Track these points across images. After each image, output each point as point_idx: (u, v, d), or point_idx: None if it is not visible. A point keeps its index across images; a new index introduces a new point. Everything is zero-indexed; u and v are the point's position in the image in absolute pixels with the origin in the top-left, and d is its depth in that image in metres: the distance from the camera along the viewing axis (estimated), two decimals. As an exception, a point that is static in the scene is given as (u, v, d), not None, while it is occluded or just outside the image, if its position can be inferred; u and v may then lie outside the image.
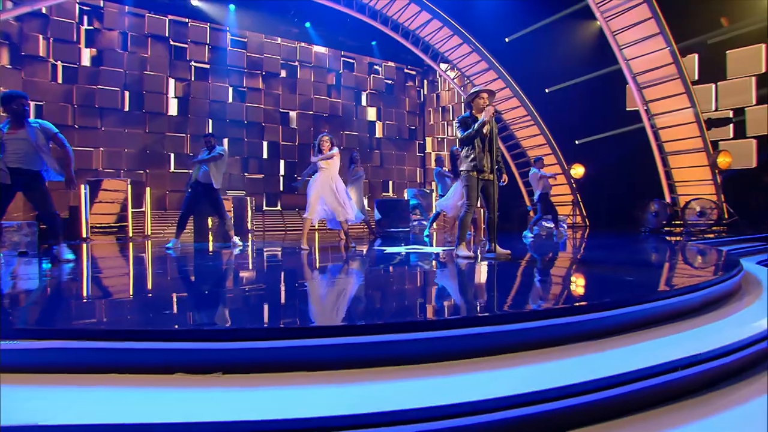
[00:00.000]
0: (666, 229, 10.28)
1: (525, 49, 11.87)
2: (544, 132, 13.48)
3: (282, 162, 13.58)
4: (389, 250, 6.30)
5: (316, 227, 10.50)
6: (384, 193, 15.02)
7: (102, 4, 11.02)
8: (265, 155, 13.30)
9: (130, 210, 8.94)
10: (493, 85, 12.96)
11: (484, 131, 4.83)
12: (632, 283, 3.13)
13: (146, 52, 11.52)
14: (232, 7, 11.64)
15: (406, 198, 12.23)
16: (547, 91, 12.77)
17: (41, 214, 4.74)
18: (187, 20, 11.80)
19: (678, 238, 8.45)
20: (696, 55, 10.56)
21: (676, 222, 10.60)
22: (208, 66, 12.35)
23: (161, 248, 6.50)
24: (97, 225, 9.06)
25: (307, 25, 12.82)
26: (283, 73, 13.60)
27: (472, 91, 5.00)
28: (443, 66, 13.29)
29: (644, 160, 11.07)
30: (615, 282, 3.26)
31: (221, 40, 12.34)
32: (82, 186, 8.87)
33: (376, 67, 15.09)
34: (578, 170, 13.61)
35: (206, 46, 12.25)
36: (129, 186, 8.94)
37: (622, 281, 3.22)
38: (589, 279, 3.57)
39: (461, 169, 4.99)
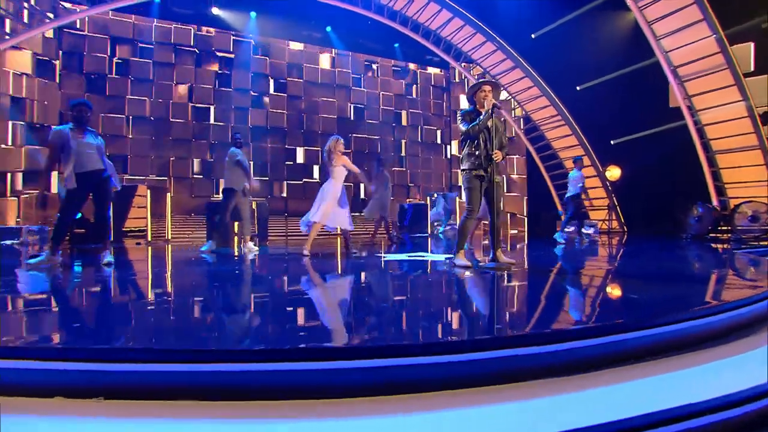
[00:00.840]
0: (711, 235, 9.18)
1: (553, 45, 11.09)
2: (576, 132, 12.57)
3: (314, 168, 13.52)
4: (389, 257, 5.86)
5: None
6: (409, 198, 14.55)
7: (132, 20, 11.32)
8: (300, 159, 13.21)
9: (149, 215, 8.99)
10: (519, 84, 12.23)
11: (489, 125, 4.31)
12: (650, 300, 2.54)
13: (170, 60, 11.71)
14: (253, 14, 11.63)
15: (427, 202, 11.72)
16: (578, 88, 11.88)
17: (98, 216, 4.72)
18: (209, 30, 11.91)
19: (725, 246, 7.46)
20: (752, 44, 9.41)
21: (723, 227, 9.45)
22: (230, 73, 12.42)
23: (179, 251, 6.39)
24: (126, 229, 9.24)
25: (328, 29, 12.63)
26: (305, 78, 13.49)
27: (473, 84, 4.50)
28: (466, 65, 12.69)
29: (687, 159, 10.00)
30: (630, 300, 2.67)
31: (243, 47, 12.39)
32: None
33: (399, 69, 14.71)
34: (614, 172, 12.59)
35: (228, 53, 12.32)
36: (149, 192, 9.00)
37: (638, 298, 2.63)
38: (602, 294, 2.99)
39: (462, 168, 4.49)
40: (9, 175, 9.17)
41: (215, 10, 11.14)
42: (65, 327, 2.23)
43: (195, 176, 12.18)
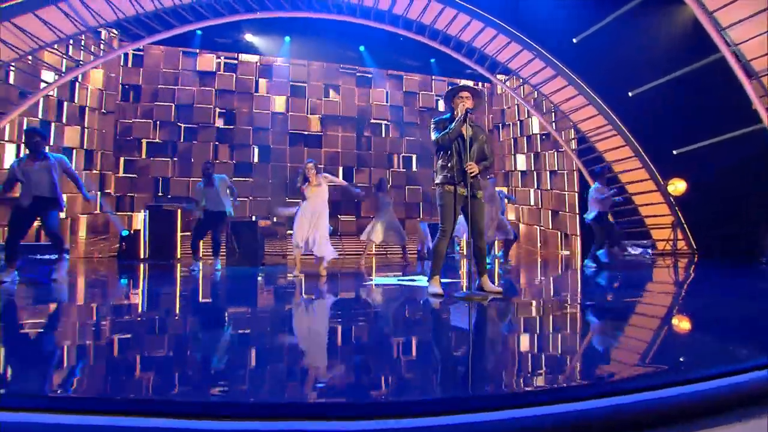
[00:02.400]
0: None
1: (597, 48, 9.91)
2: (630, 142, 11.11)
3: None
4: (373, 281, 5.19)
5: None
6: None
7: (184, 51, 11.92)
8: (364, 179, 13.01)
9: (179, 234, 9.14)
10: (562, 93, 11.08)
11: (465, 134, 3.64)
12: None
13: (201, 86, 12.11)
14: (287, 38, 11.75)
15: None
16: (630, 94, 10.50)
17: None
18: (240, 56, 12.19)
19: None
20: None
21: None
22: (268, 96, 12.61)
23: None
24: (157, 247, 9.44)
25: (362, 48, 12.43)
26: (342, 98, 13.36)
27: (450, 88, 3.86)
28: (502, 76, 11.81)
29: (766, 169, 8.27)
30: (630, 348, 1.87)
31: (279, 70, 12.56)
32: (142, 211, 9.35)
33: (436, 83, 14.10)
34: (678, 186, 10.90)
35: (262, 78, 12.53)
36: (179, 212, 9.17)
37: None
38: (585, 350, 2.16)
39: (435, 182, 3.84)
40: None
41: (250, 37, 11.38)
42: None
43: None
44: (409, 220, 12.77)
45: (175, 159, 11.72)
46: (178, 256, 9.08)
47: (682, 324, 2.89)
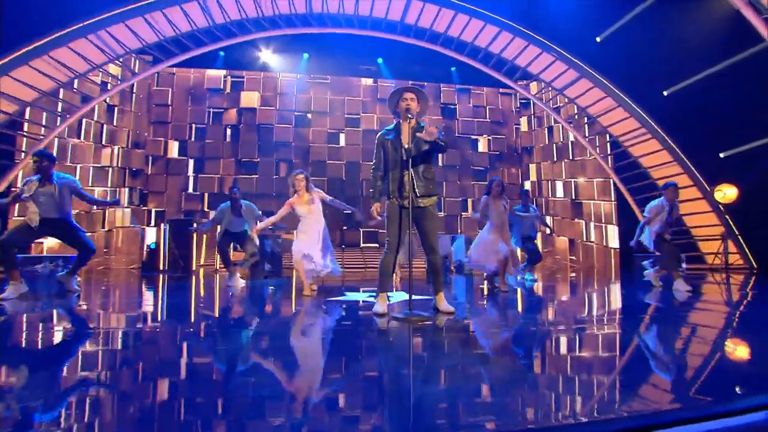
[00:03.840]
0: None
1: (624, 46, 9.07)
2: (668, 146, 10.00)
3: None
4: (347, 297, 4.81)
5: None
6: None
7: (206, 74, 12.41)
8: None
9: (194, 247, 9.31)
10: (589, 95, 10.22)
11: (405, 146, 3.30)
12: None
13: (224, 104, 12.43)
14: (305, 55, 11.85)
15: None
16: (665, 93, 9.46)
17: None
18: (262, 74, 12.40)
19: None
20: None
21: None
22: (293, 113, 12.74)
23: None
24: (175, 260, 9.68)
25: (380, 61, 12.27)
26: (367, 112, 13.24)
27: (393, 92, 3.51)
28: (523, 82, 11.12)
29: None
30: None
31: (300, 86, 12.67)
32: (162, 225, 9.65)
33: (456, 92, 13.59)
34: (727, 192, 9.62)
35: (283, 94, 12.69)
36: (194, 224, 9.35)
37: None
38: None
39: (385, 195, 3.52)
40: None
41: (269, 55, 11.60)
42: None
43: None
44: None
45: (196, 175, 12.09)
46: (194, 269, 9.24)
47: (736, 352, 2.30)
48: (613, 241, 11.60)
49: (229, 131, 12.45)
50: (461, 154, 13.41)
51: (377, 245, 12.28)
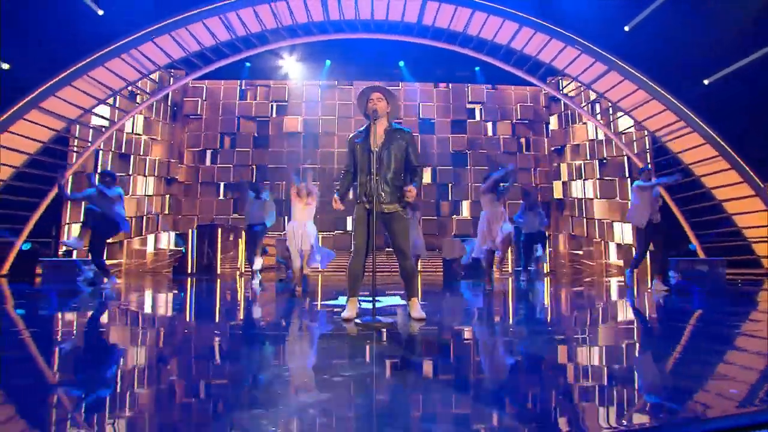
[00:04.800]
0: None
1: (656, 33, 8.40)
2: (711, 139, 9.09)
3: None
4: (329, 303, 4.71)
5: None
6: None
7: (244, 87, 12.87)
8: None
9: (219, 251, 9.64)
10: (619, 89, 9.52)
11: (374, 149, 3.18)
12: None
13: (252, 113, 12.79)
14: (327, 62, 11.97)
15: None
16: (706, 82, 8.63)
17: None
18: (285, 82, 12.65)
19: None
20: None
21: None
22: (318, 119, 12.91)
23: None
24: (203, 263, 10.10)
25: (401, 64, 12.15)
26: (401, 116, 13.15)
27: (361, 91, 3.40)
28: (552, 80, 10.56)
29: None
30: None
31: (324, 92, 12.82)
32: (190, 231, 10.09)
33: (481, 92, 13.16)
34: (783, 188, 8.54)
35: (308, 101, 12.87)
36: (219, 230, 9.69)
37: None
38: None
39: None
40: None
41: (293, 63, 11.83)
42: None
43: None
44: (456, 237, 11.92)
45: (226, 182, 12.53)
46: (219, 272, 9.57)
47: None
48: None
49: (257, 139, 12.83)
50: (487, 156, 12.98)
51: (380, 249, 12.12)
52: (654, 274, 5.81)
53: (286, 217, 10.21)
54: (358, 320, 3.12)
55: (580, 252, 12.16)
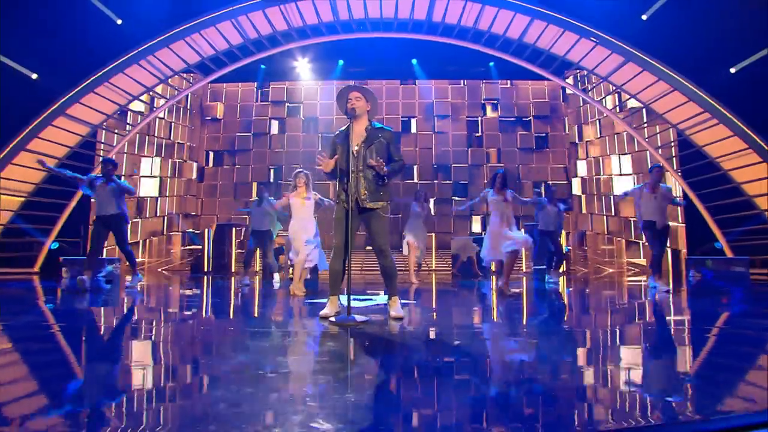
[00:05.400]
0: None
1: (676, 20, 7.98)
2: (740, 131, 8.53)
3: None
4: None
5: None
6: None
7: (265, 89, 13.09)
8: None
9: (234, 250, 9.85)
10: (639, 80, 9.09)
11: (354, 148, 3.17)
12: None
13: (268, 114, 12.97)
14: (341, 62, 11.99)
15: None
16: (733, 70, 8.12)
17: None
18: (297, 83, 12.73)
19: None
20: None
21: None
22: (332, 119, 12.98)
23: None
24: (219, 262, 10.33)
25: (414, 62, 12.03)
26: (407, 114, 13.10)
27: (338, 94, 3.39)
28: (570, 73, 10.20)
29: None
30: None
31: (334, 92, 12.84)
32: (206, 230, 10.36)
33: (497, 88, 12.86)
34: (819, 183, 7.92)
35: (324, 101, 12.94)
36: (234, 230, 9.90)
37: None
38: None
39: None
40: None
41: (306, 64, 11.93)
42: None
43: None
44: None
45: (244, 183, 12.78)
46: (233, 270, 9.77)
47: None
48: (678, 243, 10.18)
49: (273, 140, 13.03)
50: (502, 152, 12.69)
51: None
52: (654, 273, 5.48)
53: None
54: (333, 318, 3.11)
55: (600, 250, 11.70)
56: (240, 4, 9.19)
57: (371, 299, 4.57)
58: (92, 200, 5.86)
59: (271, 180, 12.59)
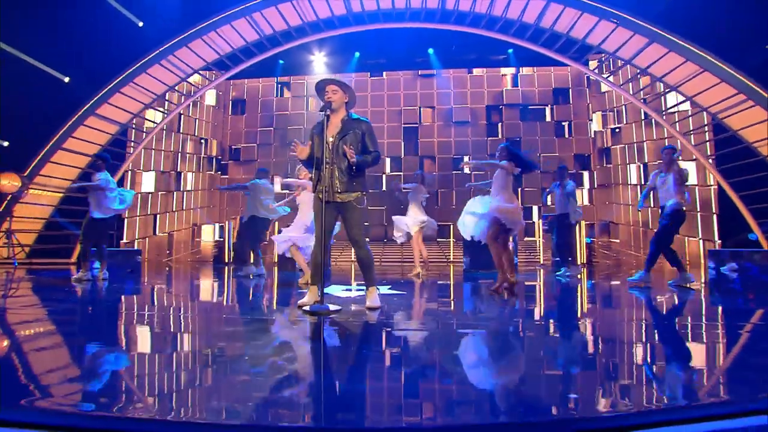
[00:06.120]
0: None
1: (704, -4, 7.36)
2: (778, 113, 7.85)
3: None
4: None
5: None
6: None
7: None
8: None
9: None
10: (664, 62, 8.54)
11: (329, 139, 3.19)
12: None
13: (289, 109, 13.13)
14: (356, 54, 11.95)
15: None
16: (769, 48, 7.44)
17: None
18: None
19: None
20: None
21: None
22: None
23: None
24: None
25: (431, 51, 11.80)
26: (427, 105, 12.95)
27: (316, 86, 3.39)
28: (596, 56, 9.72)
29: None
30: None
31: (356, 85, 12.84)
32: (226, 222, 10.70)
33: (517, 75, 12.43)
34: None
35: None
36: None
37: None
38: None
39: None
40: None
41: (323, 58, 11.98)
42: None
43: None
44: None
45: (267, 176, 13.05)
46: (251, 261, 10.05)
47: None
48: (710, 233, 9.56)
49: (293, 134, 13.22)
50: (523, 140, 12.29)
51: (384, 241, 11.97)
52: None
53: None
54: (307, 307, 3.16)
55: (618, 241, 11.19)
56: (253, 0, 9.33)
57: (363, 290, 4.59)
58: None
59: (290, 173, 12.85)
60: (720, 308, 3.98)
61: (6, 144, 9.25)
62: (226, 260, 10.33)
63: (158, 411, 1.41)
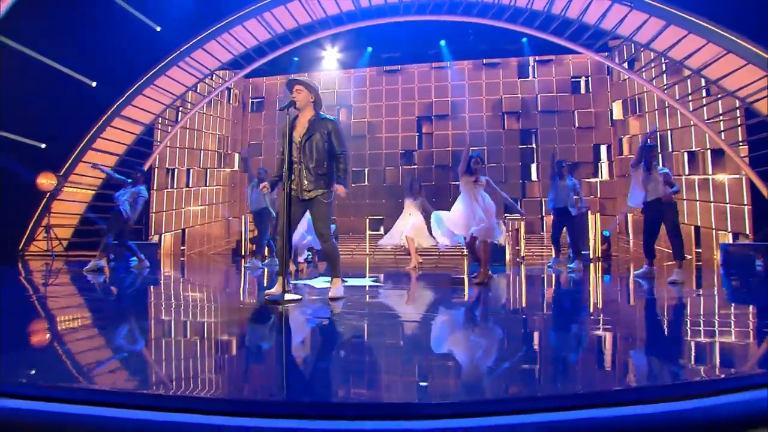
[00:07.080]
0: None
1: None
2: (812, 96, 7.20)
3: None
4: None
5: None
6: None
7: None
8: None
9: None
10: (684, 45, 8.02)
11: (297, 139, 3.27)
12: None
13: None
14: (369, 49, 11.95)
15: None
16: (801, 25, 6.81)
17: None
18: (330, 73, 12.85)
19: None
20: None
21: None
22: (365, 105, 13.06)
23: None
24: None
25: (442, 43, 11.62)
26: (440, 97, 12.80)
27: (286, 83, 3.48)
28: (615, 42, 9.27)
29: None
30: None
31: (370, 79, 12.86)
32: (242, 218, 11.07)
33: (533, 65, 12.02)
34: None
35: (357, 88, 13.01)
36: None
37: None
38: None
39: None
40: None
41: (335, 54, 12.07)
42: None
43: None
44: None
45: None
46: (266, 255, 10.36)
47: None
48: (741, 226, 8.92)
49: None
50: (540, 132, 11.92)
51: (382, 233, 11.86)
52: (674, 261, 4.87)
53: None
54: (270, 297, 3.26)
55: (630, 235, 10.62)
56: (262, 0, 9.53)
57: (345, 281, 4.65)
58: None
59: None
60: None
61: (43, 146, 9.98)
62: (243, 253, 10.71)
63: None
